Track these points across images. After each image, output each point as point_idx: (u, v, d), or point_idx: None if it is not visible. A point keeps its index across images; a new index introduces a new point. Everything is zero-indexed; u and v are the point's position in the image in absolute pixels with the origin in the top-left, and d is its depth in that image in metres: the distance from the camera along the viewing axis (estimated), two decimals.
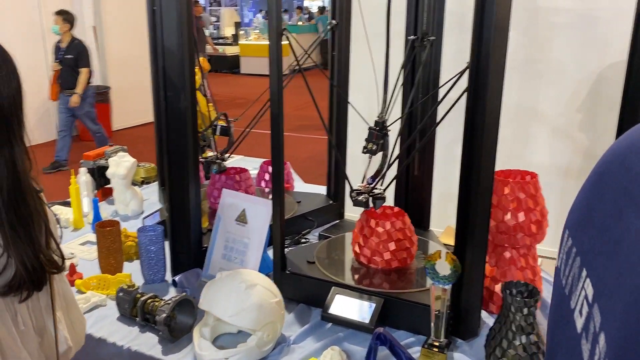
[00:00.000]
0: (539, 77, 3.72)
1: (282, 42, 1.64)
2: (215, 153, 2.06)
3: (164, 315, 1.44)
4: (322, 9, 16.93)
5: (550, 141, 3.84)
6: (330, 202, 2.36)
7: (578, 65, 3.62)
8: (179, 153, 1.73)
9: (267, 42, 1.57)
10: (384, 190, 1.64)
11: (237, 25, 15.72)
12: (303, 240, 2.12)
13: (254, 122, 2.05)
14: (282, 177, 1.61)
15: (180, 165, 1.74)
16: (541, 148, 3.83)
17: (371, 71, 1.73)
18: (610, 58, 3.57)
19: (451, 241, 1.99)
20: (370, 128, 1.56)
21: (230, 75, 13.99)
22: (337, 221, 2.29)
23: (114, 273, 1.78)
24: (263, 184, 2.55)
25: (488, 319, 1.60)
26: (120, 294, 1.57)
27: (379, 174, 1.60)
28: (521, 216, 1.54)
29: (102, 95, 7.32)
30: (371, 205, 1.63)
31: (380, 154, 1.66)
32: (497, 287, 1.61)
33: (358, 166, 2.34)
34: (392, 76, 1.74)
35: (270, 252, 1.82)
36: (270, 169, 2.54)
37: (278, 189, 1.62)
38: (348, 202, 2.44)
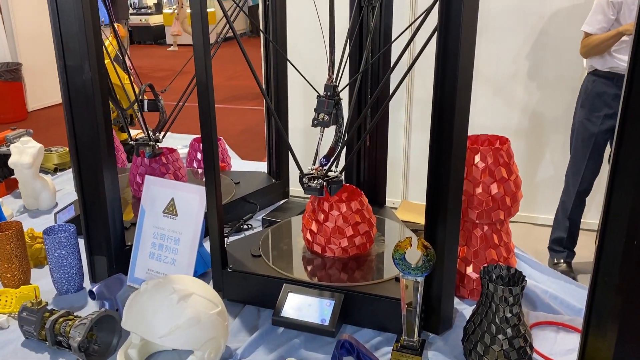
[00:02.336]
0: (479, 35, 3.58)
1: (208, 10, 1.35)
2: (146, 133, 1.76)
3: (79, 338, 1.16)
4: None
5: (494, 102, 3.72)
6: (273, 180, 2.11)
7: (518, 20, 3.48)
8: (88, 134, 1.43)
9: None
10: (341, 172, 1.39)
11: None
12: (244, 227, 1.87)
13: (186, 94, 1.76)
14: (216, 158, 1.34)
15: (91, 148, 1.44)
16: (486, 110, 3.71)
17: (309, 31, 1.48)
18: (549, 5, 3.45)
19: (410, 217, 1.81)
20: (319, 96, 1.31)
21: (155, 47, 13.25)
22: (282, 202, 2.05)
23: (19, 286, 1.47)
24: (195, 164, 2.27)
25: (459, 305, 1.42)
26: (24, 313, 1.27)
27: (333, 153, 1.35)
28: (494, 188, 1.36)
29: (12, 73, 6.67)
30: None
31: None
32: (469, 270, 1.43)
33: (300, 140, 2.14)
34: (337, 37, 1.49)
35: (206, 245, 1.56)
36: (201, 146, 2.25)
37: (211, 171, 1.35)
38: (292, 179, 2.21)
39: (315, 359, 1.23)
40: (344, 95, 1.42)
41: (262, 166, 2.55)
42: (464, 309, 1.40)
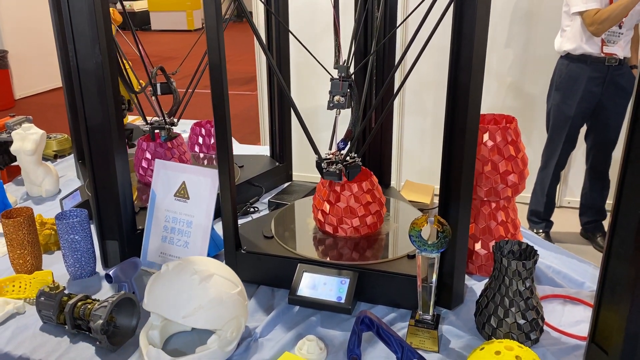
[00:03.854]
0: None
1: None
2: (161, 117, 1.76)
3: (101, 321, 1.17)
4: None
5: (485, 82, 3.75)
6: (277, 164, 2.13)
7: (508, 3, 3.50)
8: (99, 118, 1.43)
9: None
10: (359, 156, 1.41)
11: None
12: (251, 210, 1.89)
13: (197, 78, 1.76)
14: (230, 140, 1.35)
15: (102, 132, 1.44)
16: None
17: (309, 16, 1.49)
18: None
19: (414, 197, 1.84)
20: (332, 78, 1.31)
21: (140, 33, 13.10)
22: (286, 184, 2.06)
23: (32, 272, 1.47)
24: (197, 148, 2.27)
25: (468, 281, 1.45)
26: (42, 298, 1.28)
27: (349, 136, 1.36)
28: (502, 166, 1.38)
29: None
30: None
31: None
32: (478, 246, 1.46)
33: (298, 123, 2.15)
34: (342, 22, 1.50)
35: (216, 228, 1.58)
36: (203, 131, 2.26)
37: (225, 154, 1.36)
38: (296, 162, 2.23)
39: (332, 335, 1.26)
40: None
41: (262, 150, 2.56)
42: (473, 285, 1.44)
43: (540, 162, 3.27)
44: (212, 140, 2.24)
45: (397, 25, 1.59)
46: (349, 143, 1.38)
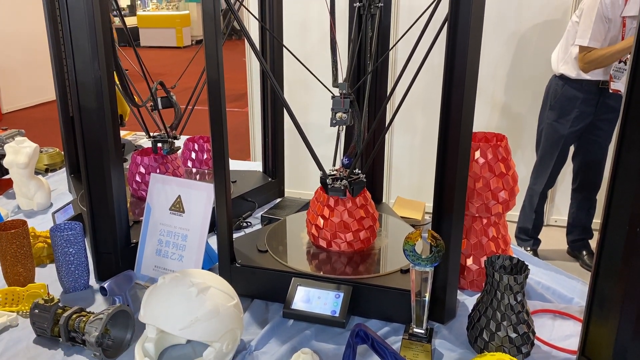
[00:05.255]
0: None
1: (182, 12, 1.38)
2: (164, 130, 1.78)
3: (96, 333, 1.18)
4: None
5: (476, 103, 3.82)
6: (269, 179, 2.14)
7: (495, 25, 3.58)
8: (96, 133, 1.44)
9: (167, 12, 1.31)
10: (363, 172, 1.43)
11: None
12: (244, 225, 1.90)
13: (196, 93, 1.78)
14: (226, 155, 1.37)
15: (98, 148, 1.45)
16: None
17: (301, 34, 1.52)
18: (527, 18, 3.56)
19: (406, 213, 1.86)
20: (333, 96, 1.34)
21: (129, 49, 13.12)
22: (279, 200, 2.08)
23: (25, 284, 1.47)
24: (190, 164, 2.28)
25: (459, 296, 1.47)
26: (36, 310, 1.28)
27: (353, 152, 1.38)
28: (493, 183, 1.41)
29: None
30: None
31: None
32: (469, 261, 1.48)
33: (290, 139, 2.18)
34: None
35: (209, 242, 1.59)
36: (195, 146, 2.27)
37: (221, 169, 1.38)
38: (288, 178, 2.25)
39: (327, 349, 1.27)
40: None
41: (254, 165, 2.58)
42: (465, 299, 1.46)
43: (530, 180, 3.33)
44: (205, 156, 2.25)
45: (391, 46, 1.63)
46: (353, 159, 1.41)
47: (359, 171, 1.45)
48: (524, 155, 3.74)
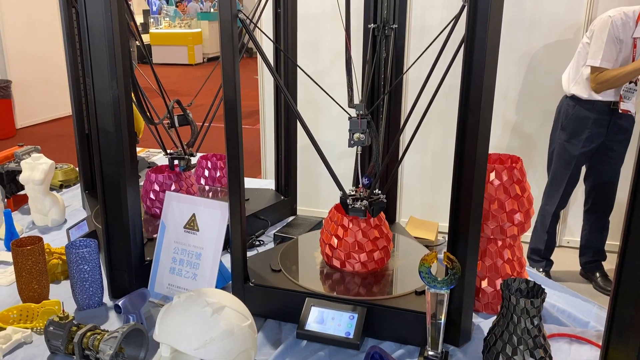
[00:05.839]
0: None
1: (194, 30, 1.40)
2: (181, 147, 1.80)
3: (110, 351, 1.18)
4: None
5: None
6: (282, 197, 2.15)
7: (507, 46, 3.59)
8: (113, 151, 1.45)
9: (179, 30, 1.33)
10: (383, 192, 1.43)
11: (146, 13, 14.94)
12: (257, 243, 1.90)
13: (212, 112, 1.81)
14: (242, 174, 1.37)
15: (115, 166, 1.46)
16: None
17: (313, 54, 1.53)
18: (538, 38, 3.57)
19: (419, 233, 1.85)
20: (350, 117, 1.34)
21: (141, 65, 13.29)
22: (291, 218, 2.08)
23: (39, 301, 1.48)
24: (203, 181, 2.29)
25: (474, 319, 1.46)
26: (51, 327, 1.28)
27: (372, 172, 1.39)
28: (509, 205, 1.41)
29: (2, 90, 6.64)
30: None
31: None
32: (484, 284, 1.47)
33: (302, 157, 2.20)
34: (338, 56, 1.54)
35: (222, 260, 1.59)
36: (209, 164, 2.28)
37: (237, 187, 1.38)
38: (301, 196, 2.25)
39: None
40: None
41: (265, 183, 2.58)
42: (480, 322, 1.45)
43: (542, 200, 3.31)
44: (218, 173, 2.27)
45: (406, 69, 1.64)
46: (373, 179, 1.41)
47: (379, 191, 1.45)
48: (535, 175, 3.72)
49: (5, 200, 2.13)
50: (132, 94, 1.78)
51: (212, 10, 15.72)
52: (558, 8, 3.48)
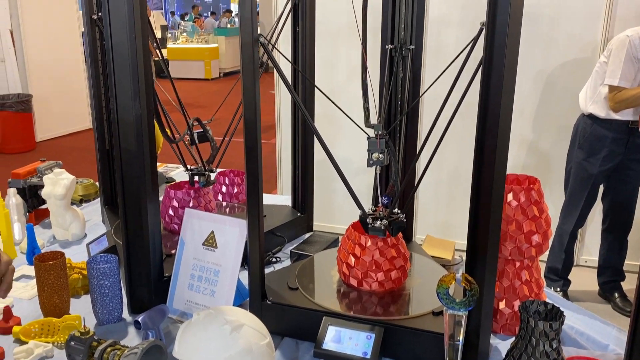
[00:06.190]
0: None
1: (211, 45, 1.43)
2: (201, 164, 1.84)
3: None
4: None
5: None
6: (298, 214, 2.16)
7: (523, 63, 3.60)
8: (135, 169, 1.48)
9: (196, 46, 1.36)
10: (403, 211, 1.44)
11: (164, 28, 15.17)
12: (274, 260, 1.91)
13: (231, 129, 1.84)
14: (261, 194, 1.39)
15: (137, 184, 1.49)
16: None
17: (329, 70, 1.56)
18: (554, 56, 3.57)
19: (436, 252, 1.85)
20: (369, 137, 1.36)
21: (160, 80, 13.46)
22: (308, 235, 2.09)
23: (60, 315, 1.50)
24: (220, 197, 2.31)
25: (492, 340, 1.45)
26: (72, 342, 1.30)
27: (392, 191, 1.40)
28: (527, 226, 1.41)
29: (23, 104, 6.76)
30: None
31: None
32: (502, 305, 1.47)
33: (322, 172, 2.22)
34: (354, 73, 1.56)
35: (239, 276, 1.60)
36: (226, 180, 2.31)
37: (255, 206, 1.40)
38: (317, 213, 2.26)
39: None
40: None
41: (281, 199, 2.60)
42: (498, 344, 1.44)
43: (559, 219, 3.29)
44: (235, 189, 2.29)
45: (423, 91, 1.65)
46: (394, 199, 1.42)
47: (399, 211, 1.46)
48: (551, 193, 3.70)
49: (27, 214, 2.17)
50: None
51: (228, 26, 15.93)
52: (574, 26, 3.49)
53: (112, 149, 2.18)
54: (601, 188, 3.22)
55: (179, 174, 2.91)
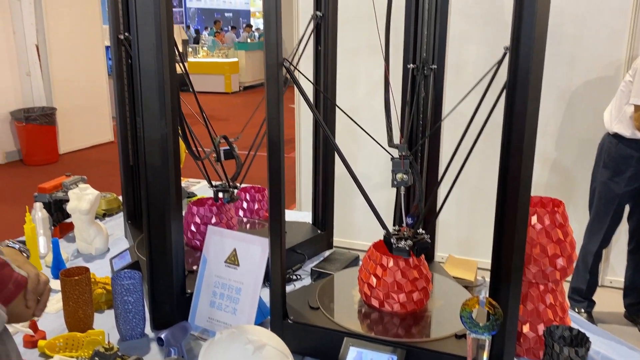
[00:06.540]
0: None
1: (231, 60, 1.46)
2: (225, 180, 1.87)
3: None
4: None
5: None
6: (319, 231, 2.17)
7: (545, 81, 3.58)
8: (160, 187, 1.50)
9: (217, 60, 1.38)
10: (427, 232, 1.44)
11: (185, 43, 15.39)
12: (294, 278, 1.91)
13: (257, 144, 1.87)
14: (283, 212, 1.40)
15: (161, 201, 1.51)
16: None
17: (349, 86, 1.56)
18: (578, 75, 3.55)
19: (458, 273, 1.84)
20: (393, 158, 1.37)
21: (182, 93, 13.63)
22: (328, 253, 2.09)
23: (84, 330, 1.52)
24: (241, 213, 2.33)
25: None
26: (97, 358, 1.31)
27: (416, 211, 1.40)
28: (551, 249, 1.39)
29: (47, 117, 6.89)
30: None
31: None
32: (526, 329, 1.45)
33: (341, 187, 2.23)
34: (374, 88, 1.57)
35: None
36: (247, 196, 2.33)
37: (277, 224, 1.41)
38: (338, 230, 2.27)
39: None
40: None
41: (301, 216, 2.60)
42: None
43: (583, 239, 3.24)
44: (256, 206, 2.30)
45: (446, 114, 1.65)
46: (418, 219, 1.42)
47: (423, 231, 1.46)
48: (575, 212, 3.66)
49: (52, 228, 2.20)
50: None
51: (248, 40, 16.10)
52: (598, 45, 3.46)
53: (136, 165, 2.21)
54: (627, 208, 3.17)
55: (200, 188, 2.93)
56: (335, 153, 1.49)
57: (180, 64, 1.87)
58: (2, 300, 0.93)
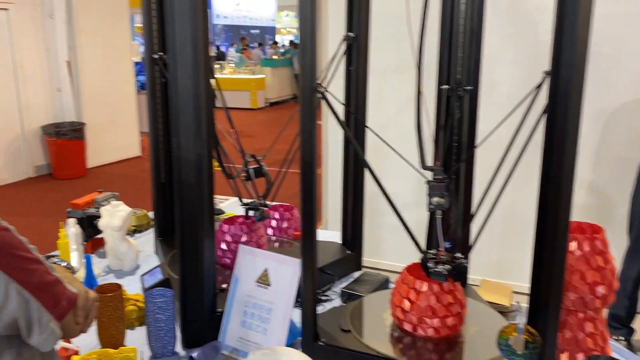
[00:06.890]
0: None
1: (258, 76, 1.47)
2: (256, 198, 1.88)
3: None
4: (294, 44, 16.96)
5: None
6: (347, 252, 2.15)
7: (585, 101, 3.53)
8: (194, 206, 1.51)
9: (243, 76, 1.39)
10: (466, 257, 1.43)
11: (212, 59, 15.62)
12: (323, 299, 1.90)
13: (288, 161, 1.88)
14: (315, 236, 1.40)
15: (195, 221, 1.51)
16: None
17: (378, 104, 1.56)
18: (615, 94, 3.49)
19: (492, 297, 1.81)
20: (428, 181, 1.36)
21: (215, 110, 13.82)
22: (358, 274, 2.08)
23: (116, 346, 1.52)
24: (270, 231, 2.33)
25: None
26: None
27: (454, 235, 1.39)
28: (590, 276, 1.36)
29: (77, 132, 7.03)
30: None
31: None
32: (564, 357, 1.41)
33: (369, 205, 2.23)
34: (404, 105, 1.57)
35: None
36: (276, 215, 2.33)
37: (310, 246, 1.41)
38: (367, 250, 2.25)
39: None
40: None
41: (330, 235, 2.59)
42: None
43: (622, 264, 3.15)
44: (285, 224, 2.30)
45: (482, 140, 1.63)
46: (455, 243, 1.41)
47: (461, 255, 1.44)
48: (613, 236, 3.57)
49: (84, 243, 2.23)
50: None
51: (274, 57, 16.28)
52: (636, 65, 3.41)
53: (168, 183, 2.23)
54: None
55: (229, 205, 2.95)
56: (366, 171, 1.48)
57: (216, 84, 1.89)
58: (56, 316, 0.94)
